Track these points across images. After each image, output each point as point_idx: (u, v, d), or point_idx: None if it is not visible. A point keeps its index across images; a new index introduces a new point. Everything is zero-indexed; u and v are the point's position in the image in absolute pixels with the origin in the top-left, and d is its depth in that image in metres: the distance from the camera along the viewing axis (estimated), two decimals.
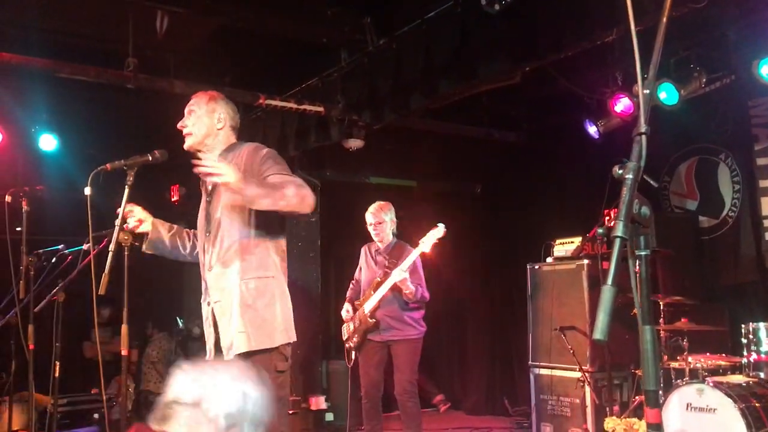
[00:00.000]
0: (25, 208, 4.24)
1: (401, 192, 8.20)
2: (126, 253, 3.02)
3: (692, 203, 6.37)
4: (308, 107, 5.63)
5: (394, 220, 5.29)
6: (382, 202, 5.31)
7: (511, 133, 7.11)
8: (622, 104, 5.75)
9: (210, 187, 3.12)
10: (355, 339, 5.15)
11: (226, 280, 2.98)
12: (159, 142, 3.31)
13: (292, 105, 5.58)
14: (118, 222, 2.97)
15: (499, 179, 7.84)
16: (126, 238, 2.99)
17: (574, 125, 6.30)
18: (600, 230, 1.33)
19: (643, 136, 1.33)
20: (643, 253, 1.34)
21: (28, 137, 6.40)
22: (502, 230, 6.71)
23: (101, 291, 2.84)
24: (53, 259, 4.46)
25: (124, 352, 3.03)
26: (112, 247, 2.92)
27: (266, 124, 6.25)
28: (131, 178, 3.02)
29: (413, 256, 4.92)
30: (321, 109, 5.65)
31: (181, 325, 6.65)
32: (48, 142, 6.39)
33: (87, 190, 2.96)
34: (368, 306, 5.05)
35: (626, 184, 1.32)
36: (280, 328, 2.99)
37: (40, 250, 4.41)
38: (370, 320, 5.02)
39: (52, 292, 4.21)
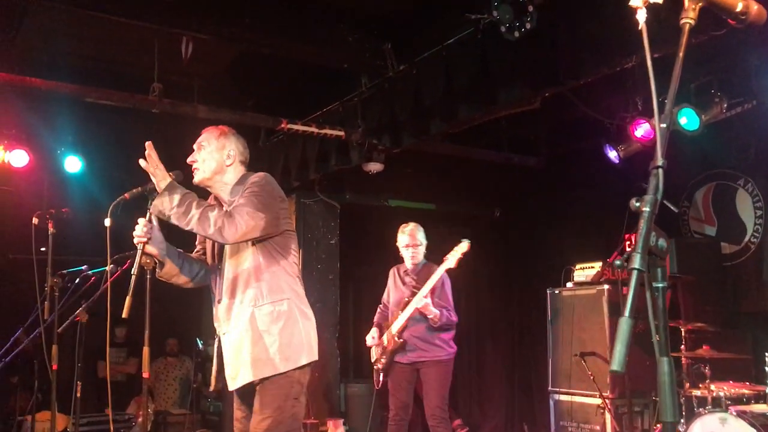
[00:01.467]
0: (51, 230, 4.31)
1: (420, 215, 8.22)
2: (148, 276, 3.05)
3: (711, 229, 6.33)
4: (329, 131, 5.69)
5: (425, 242, 5.28)
6: (415, 224, 5.27)
7: (531, 157, 7.11)
8: (642, 129, 5.74)
9: None
10: (383, 361, 5.08)
11: (237, 310, 3.00)
12: (182, 166, 3.36)
13: (314, 129, 5.65)
14: (140, 246, 2.99)
15: (519, 203, 7.84)
16: (148, 261, 3.02)
17: (593, 150, 6.29)
18: (617, 262, 1.34)
19: (660, 170, 1.35)
20: (660, 285, 1.35)
21: (54, 159, 6.53)
22: (521, 254, 6.70)
23: (124, 314, 2.86)
24: (76, 280, 4.53)
25: (145, 375, 3.05)
26: (134, 270, 2.94)
27: (288, 147, 6.33)
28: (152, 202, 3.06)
29: (437, 274, 4.87)
30: (341, 133, 5.72)
31: (200, 346, 6.69)
32: (73, 164, 6.51)
33: (107, 222, 2.97)
34: (395, 327, 4.99)
35: (643, 216, 1.33)
36: (300, 348, 2.98)
37: (64, 271, 4.48)
38: (398, 341, 4.95)
39: (75, 312, 4.28)
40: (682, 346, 4.84)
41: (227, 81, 5.82)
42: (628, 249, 6.02)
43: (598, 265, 5.78)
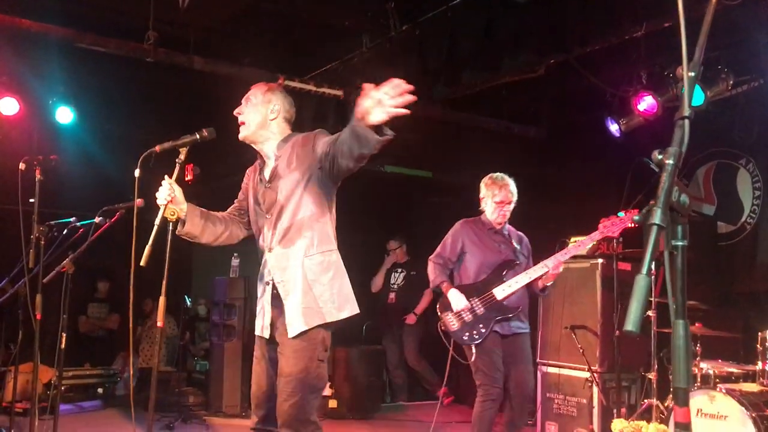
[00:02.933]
0: (38, 177, 4.20)
1: (416, 183, 8.16)
2: (170, 227, 2.99)
3: (709, 208, 6.28)
4: (327, 90, 5.58)
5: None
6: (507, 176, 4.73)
7: (531, 127, 7.02)
8: (645, 103, 5.66)
9: (270, 175, 3.11)
10: (480, 329, 4.34)
11: (289, 259, 3.00)
12: (180, 119, 3.27)
13: (311, 87, 5.54)
14: (166, 196, 2.94)
15: (516, 174, 7.74)
16: (172, 214, 2.96)
17: (595, 123, 6.21)
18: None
19: (686, 120, 1.26)
20: (680, 243, 1.27)
21: (45, 109, 6.38)
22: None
23: (142, 263, 2.83)
24: (64, 231, 4.45)
25: (159, 324, 3.02)
26: (157, 221, 2.90)
27: None
28: (183, 156, 3.00)
29: (567, 256, 4.30)
30: (340, 92, 5.61)
31: (188, 304, 6.63)
32: (64, 115, 6.36)
33: (137, 172, 2.92)
34: (501, 292, 4.31)
35: (666, 169, 1.25)
36: (346, 299, 3.04)
37: (52, 222, 4.39)
38: (502, 308, 4.31)
39: (62, 263, 4.19)
40: None
41: (225, 34, 5.67)
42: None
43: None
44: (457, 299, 4.40)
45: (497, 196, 4.60)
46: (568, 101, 6.62)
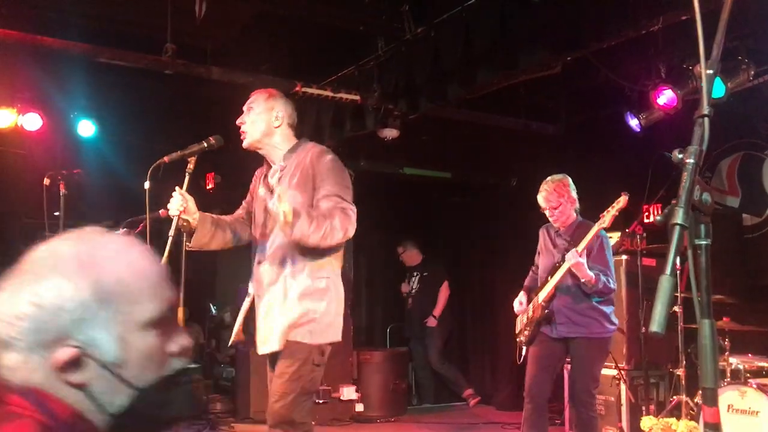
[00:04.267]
0: (62, 191, 4.28)
1: (435, 184, 8.15)
2: (185, 238, 3.03)
3: (734, 200, 6.19)
4: (344, 96, 5.59)
5: (574, 197, 4.47)
6: (555, 181, 4.48)
7: (549, 125, 6.97)
8: (665, 97, 5.59)
9: (274, 179, 3.08)
10: (526, 332, 4.41)
11: (277, 278, 3.01)
12: (198, 129, 3.31)
13: (329, 93, 5.56)
14: (178, 207, 2.96)
15: (536, 172, 7.69)
16: (185, 224, 2.99)
17: (614, 118, 6.15)
18: (659, 218, 1.27)
19: (706, 119, 1.25)
20: (703, 242, 1.26)
21: (67, 123, 6.48)
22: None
23: None
24: None
25: None
26: (171, 232, 2.93)
27: (302, 112, 6.19)
28: (192, 165, 3.03)
29: (591, 233, 4.12)
30: (357, 97, 5.62)
31: (214, 311, 6.68)
32: (86, 128, 6.46)
33: (146, 184, 2.97)
34: (542, 294, 4.31)
35: (687, 168, 1.24)
36: (328, 327, 3.01)
37: None
38: (545, 311, 4.28)
39: None
40: None
41: (241, 43, 5.72)
42: (646, 220, 5.93)
43: (616, 235, 5.66)
44: (515, 303, 4.54)
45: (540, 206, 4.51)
46: (586, 97, 6.56)
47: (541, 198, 4.46)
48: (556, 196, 4.39)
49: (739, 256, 5.96)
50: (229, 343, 3.12)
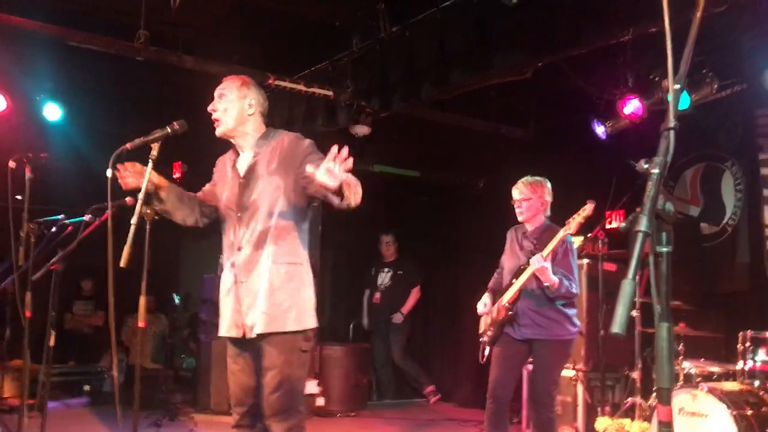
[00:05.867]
0: (28, 175, 4.21)
1: (404, 182, 8.20)
2: (148, 227, 3.00)
3: (695, 209, 6.36)
4: (317, 90, 5.61)
5: (547, 200, 4.50)
6: (532, 178, 4.54)
7: (519, 129, 7.08)
8: (631, 106, 5.73)
9: (244, 169, 3.10)
10: (490, 332, 4.45)
11: (257, 263, 3.00)
12: (168, 116, 3.28)
13: (301, 87, 5.56)
14: (141, 196, 2.94)
15: (504, 175, 7.80)
16: (149, 212, 2.96)
17: (581, 125, 6.27)
18: (623, 224, 1.32)
19: (672, 132, 1.31)
20: (664, 249, 1.32)
21: (33, 106, 6.36)
22: (503, 225, 6.67)
23: (123, 264, 2.81)
24: (53, 229, 4.44)
25: (141, 324, 3.03)
26: (134, 220, 2.89)
27: (274, 105, 6.18)
28: (155, 152, 2.99)
29: (556, 239, 4.15)
30: (330, 93, 5.64)
31: (177, 302, 6.64)
32: (53, 112, 6.35)
33: (108, 172, 2.90)
34: (507, 296, 4.35)
35: (652, 178, 1.30)
36: (307, 313, 3.03)
37: (41, 219, 4.39)
38: (509, 312, 4.31)
39: (51, 260, 4.19)
40: None
41: (215, 33, 5.68)
42: (608, 226, 6.06)
43: (579, 240, 5.78)
44: (479, 304, 4.57)
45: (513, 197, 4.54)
46: (556, 103, 6.68)
47: (515, 190, 4.51)
48: (529, 191, 4.44)
49: (696, 265, 6.12)
50: (233, 335, 3.09)
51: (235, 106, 3.07)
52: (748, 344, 4.30)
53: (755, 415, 4.07)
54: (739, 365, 4.34)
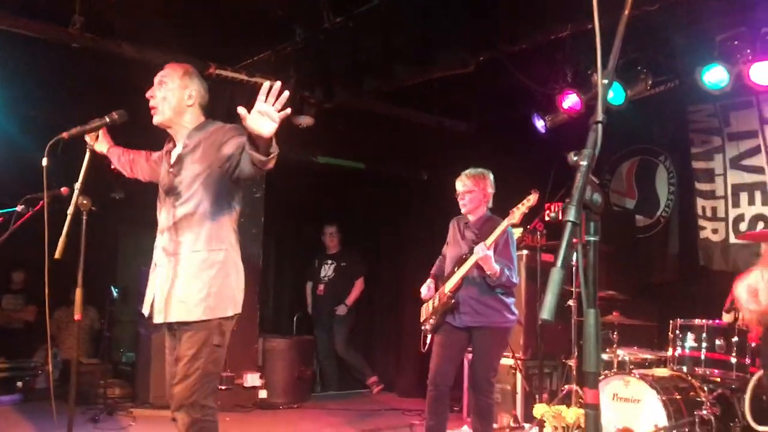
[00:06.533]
0: None
1: (348, 174, 8.20)
2: (84, 218, 2.94)
3: (631, 202, 6.57)
4: (259, 80, 5.55)
5: (490, 192, 4.61)
6: (475, 170, 4.63)
7: (462, 122, 7.16)
8: (569, 101, 5.87)
9: (174, 159, 3.08)
10: (431, 320, 4.52)
11: (175, 249, 2.99)
12: (106, 106, 3.21)
13: (243, 77, 5.51)
14: (77, 185, 2.87)
15: (447, 167, 7.88)
16: (85, 203, 2.90)
17: (522, 119, 6.39)
18: (553, 215, 1.36)
19: (600, 125, 1.36)
20: (592, 239, 1.37)
21: None
22: (446, 218, 6.80)
23: (57, 255, 2.75)
24: None
25: (77, 317, 2.96)
26: (70, 210, 2.84)
27: (215, 95, 6.09)
28: (93, 142, 2.94)
29: (500, 229, 4.22)
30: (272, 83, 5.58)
31: (116, 295, 6.49)
32: None
33: (44, 161, 2.85)
34: (449, 285, 4.42)
35: (580, 170, 1.35)
36: (226, 301, 2.98)
37: None
38: (450, 300, 4.38)
39: None
40: None
41: (156, 21, 5.55)
42: (547, 218, 6.19)
43: (518, 231, 5.90)
44: (423, 288, 4.65)
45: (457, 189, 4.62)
46: (498, 97, 6.78)
47: (459, 182, 4.59)
48: (472, 183, 4.54)
49: (630, 255, 6.33)
50: (147, 315, 3.06)
51: (174, 96, 3.03)
52: (678, 332, 4.47)
53: (684, 399, 4.25)
54: (670, 352, 4.50)
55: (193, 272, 2.94)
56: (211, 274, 2.95)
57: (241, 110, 2.49)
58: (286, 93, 2.47)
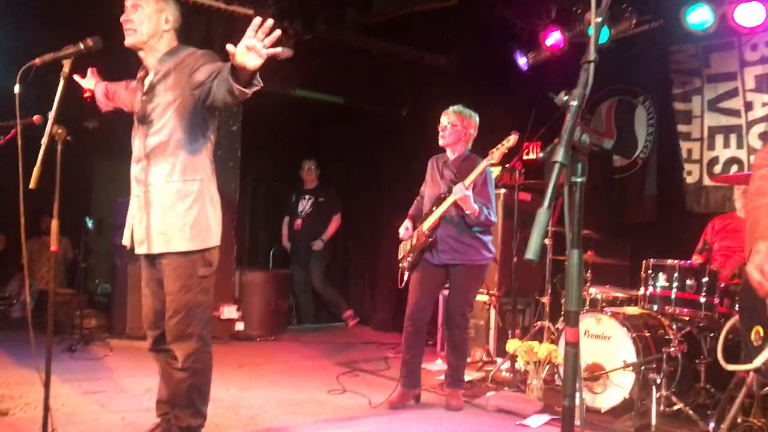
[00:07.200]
0: None
1: (326, 108, 8.10)
2: (59, 147, 2.87)
3: (609, 142, 6.59)
4: (237, 9, 5.40)
5: (471, 133, 4.61)
6: (464, 108, 4.62)
7: (442, 57, 7.05)
8: (553, 38, 5.81)
9: (147, 86, 3.03)
10: (409, 258, 4.56)
11: (150, 177, 2.97)
12: (78, 31, 3.10)
13: (221, 5, 5.35)
14: (51, 114, 2.81)
15: (426, 104, 7.81)
16: (60, 132, 2.84)
17: (504, 55, 6.32)
18: (541, 154, 1.36)
19: (591, 64, 1.34)
20: (578, 179, 1.37)
21: None
22: (424, 154, 6.82)
23: (32, 185, 2.70)
24: None
25: (53, 248, 2.94)
26: (44, 140, 2.78)
27: (190, 22, 5.94)
28: (67, 69, 2.85)
29: (479, 169, 4.23)
30: (251, 11, 5.43)
31: (90, 226, 6.43)
32: None
33: (16, 88, 2.78)
34: (427, 223, 4.45)
35: (570, 111, 1.33)
36: (204, 232, 2.98)
37: None
38: (428, 239, 4.41)
39: None
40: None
41: None
42: (525, 157, 6.21)
43: (497, 170, 5.92)
44: (401, 229, 4.65)
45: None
46: (480, 33, 6.67)
47: (444, 116, 4.60)
48: (456, 118, 4.55)
49: (606, 195, 6.40)
50: (129, 246, 3.07)
51: (151, 21, 2.98)
52: (650, 271, 4.55)
53: (652, 336, 4.36)
54: (641, 291, 4.60)
55: (169, 203, 2.93)
56: (186, 204, 2.94)
57: (229, 47, 2.46)
58: (278, 32, 2.44)
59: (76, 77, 3.24)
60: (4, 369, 4.87)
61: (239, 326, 6.74)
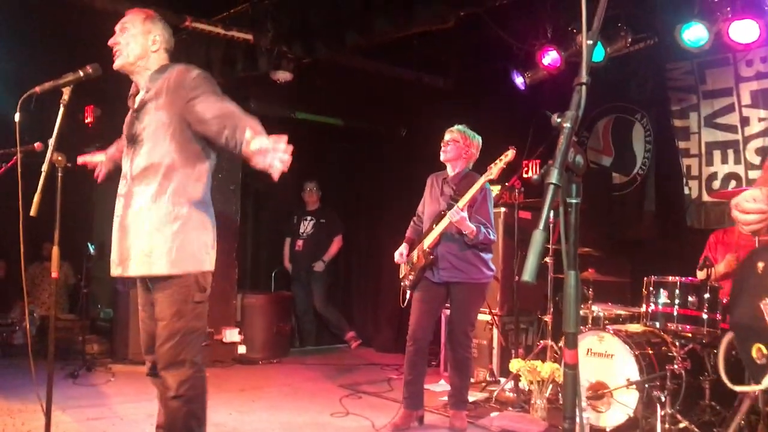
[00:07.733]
0: None
1: (327, 130, 8.14)
2: (59, 174, 2.88)
3: (607, 159, 6.61)
4: (236, 34, 5.44)
5: (473, 153, 4.66)
6: (469, 129, 4.71)
7: (440, 78, 7.10)
8: (549, 57, 5.85)
9: (138, 103, 2.99)
10: (410, 277, 4.56)
11: (138, 199, 2.90)
12: (77, 58, 3.13)
13: (220, 30, 5.39)
14: (52, 141, 2.81)
15: (425, 124, 7.85)
16: (60, 159, 2.85)
17: (501, 75, 6.35)
18: (535, 177, 1.36)
19: (584, 86, 1.35)
20: (573, 201, 1.38)
21: None
22: (424, 173, 6.86)
23: (32, 213, 2.70)
24: None
25: (54, 275, 2.93)
26: (45, 167, 2.79)
27: (190, 48, 6.00)
28: (66, 96, 2.87)
29: (477, 185, 4.26)
30: (250, 36, 5.48)
31: (92, 251, 6.44)
32: None
33: (17, 116, 2.79)
34: (428, 241, 4.46)
35: (564, 132, 1.35)
36: (193, 256, 2.90)
37: None
38: (429, 257, 4.42)
39: None
40: None
41: None
42: (525, 175, 6.22)
43: (497, 189, 5.93)
44: (396, 254, 4.67)
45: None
46: (477, 53, 6.73)
47: (448, 133, 4.67)
48: (458, 135, 4.62)
49: (606, 212, 6.40)
50: (117, 273, 3.00)
51: (137, 42, 2.96)
52: (651, 288, 4.55)
53: (656, 354, 4.34)
54: (643, 308, 4.59)
55: (156, 225, 2.85)
56: (174, 228, 2.86)
57: (248, 134, 2.57)
58: (289, 158, 2.57)
59: (86, 158, 3.30)
60: (6, 396, 4.86)
61: (241, 350, 6.74)
